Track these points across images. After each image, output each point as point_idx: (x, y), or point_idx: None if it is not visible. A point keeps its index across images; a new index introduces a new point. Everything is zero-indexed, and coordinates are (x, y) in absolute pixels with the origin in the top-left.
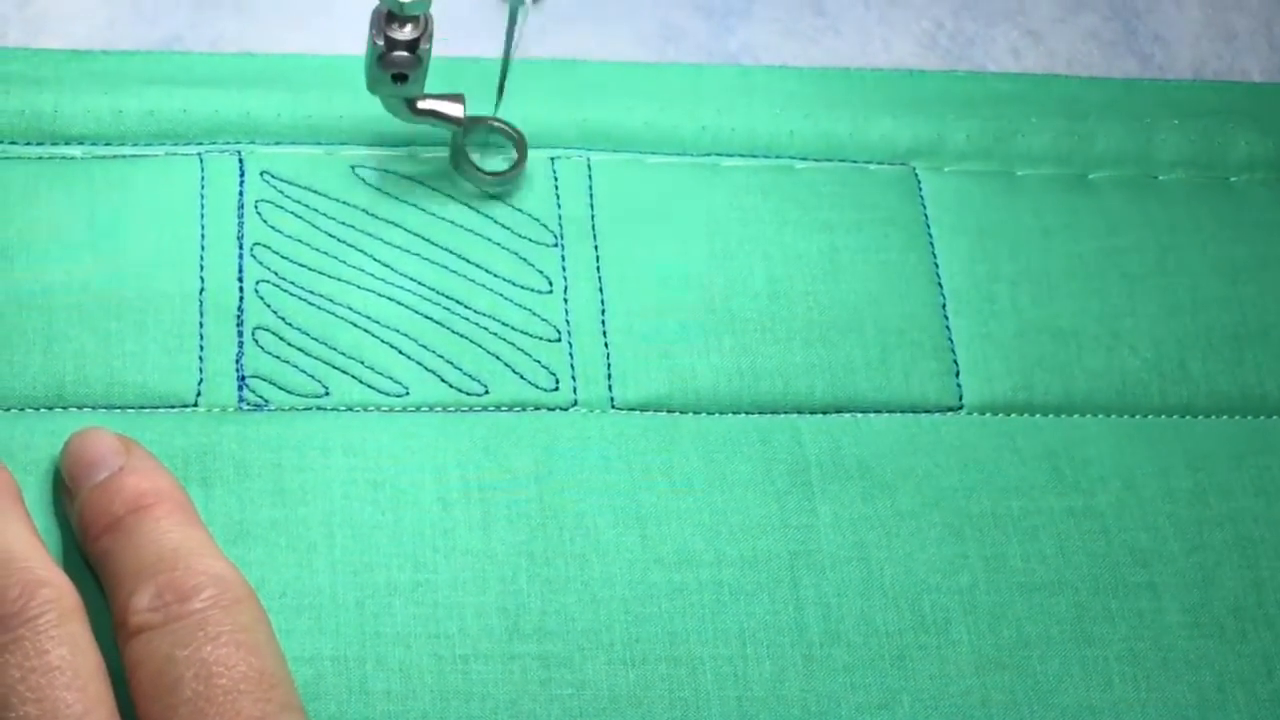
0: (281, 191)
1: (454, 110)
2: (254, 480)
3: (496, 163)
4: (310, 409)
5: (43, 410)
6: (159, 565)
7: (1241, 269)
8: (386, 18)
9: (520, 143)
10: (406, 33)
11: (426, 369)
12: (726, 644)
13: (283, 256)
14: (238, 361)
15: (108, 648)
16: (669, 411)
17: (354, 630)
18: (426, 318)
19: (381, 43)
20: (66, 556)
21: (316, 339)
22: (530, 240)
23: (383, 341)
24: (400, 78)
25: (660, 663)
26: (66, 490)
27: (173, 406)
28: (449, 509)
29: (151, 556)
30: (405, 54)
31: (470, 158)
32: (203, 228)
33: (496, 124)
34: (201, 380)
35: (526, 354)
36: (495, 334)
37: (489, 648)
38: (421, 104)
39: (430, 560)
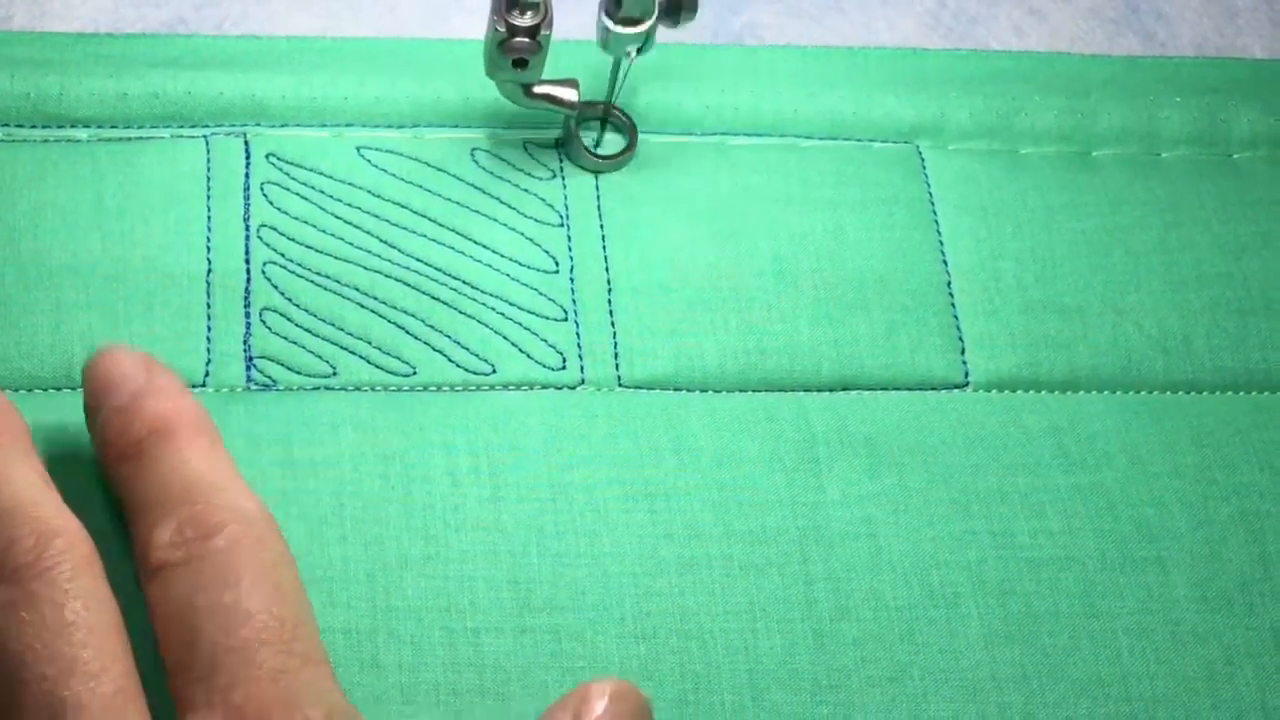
0: (287, 173)
1: (569, 95)
2: (264, 452)
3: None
4: (318, 389)
5: (51, 391)
6: (182, 497)
7: (1245, 246)
8: (508, 4)
9: (631, 129)
10: (527, 19)
11: (434, 349)
12: (736, 618)
13: (289, 238)
14: (245, 342)
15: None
16: (676, 390)
17: (365, 603)
18: (433, 298)
19: (503, 29)
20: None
21: (324, 320)
22: (536, 220)
23: (390, 322)
24: (520, 63)
25: (671, 636)
26: (89, 410)
27: None
28: (459, 484)
29: (175, 488)
30: (526, 40)
31: (583, 142)
32: (209, 210)
33: (610, 110)
34: (209, 361)
35: (533, 333)
36: (502, 314)
37: (500, 620)
38: (537, 89)
39: (441, 534)
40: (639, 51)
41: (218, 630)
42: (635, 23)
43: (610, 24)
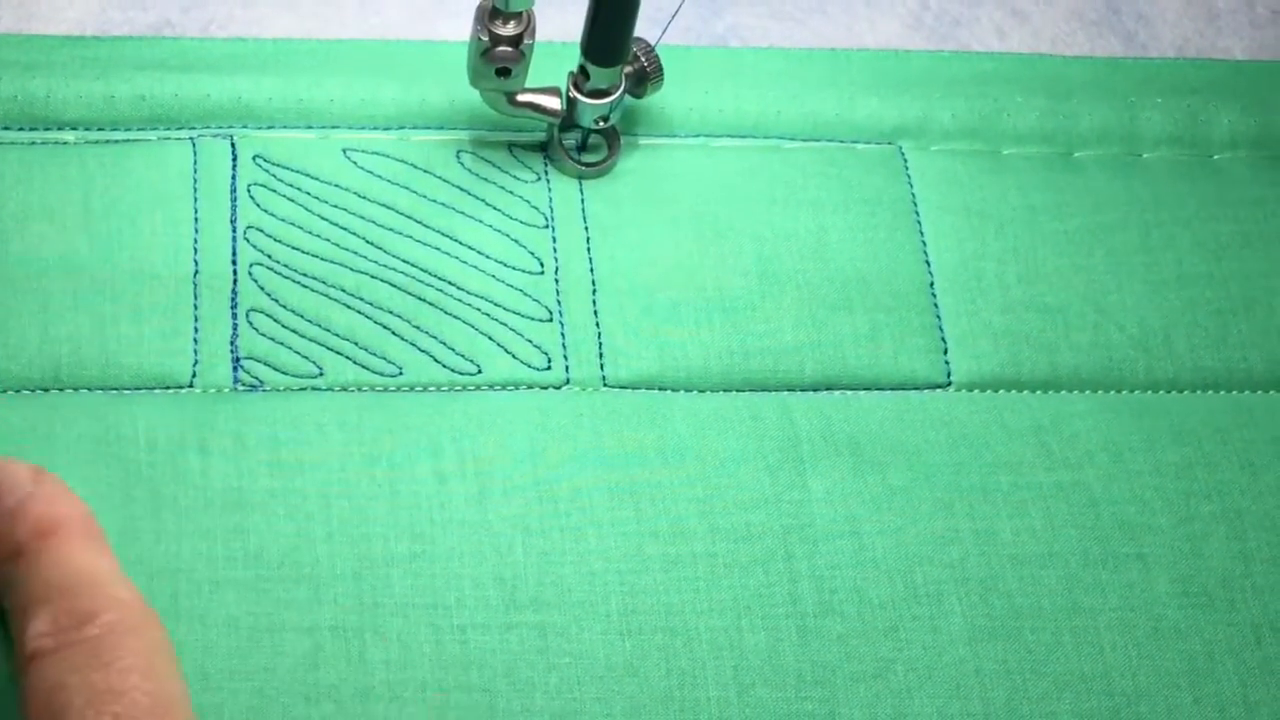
0: (274, 175)
1: (552, 103)
2: (251, 451)
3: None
4: (305, 389)
5: (39, 392)
6: (59, 591)
7: (1225, 246)
8: (490, 13)
9: (614, 135)
10: (510, 28)
11: (419, 349)
12: (721, 615)
13: (276, 239)
14: (232, 343)
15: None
16: (660, 389)
17: (352, 600)
18: (419, 299)
19: (486, 38)
20: None
21: (310, 320)
22: (521, 222)
23: (376, 322)
24: (503, 72)
25: (656, 633)
26: None
27: (168, 388)
28: (445, 482)
29: (54, 582)
30: (509, 49)
31: (566, 148)
32: (196, 211)
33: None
34: (197, 362)
35: (519, 334)
36: (487, 314)
37: (486, 618)
38: (521, 97)
39: (427, 532)
40: (606, 120)
41: (88, 706)
42: (603, 94)
43: (579, 96)
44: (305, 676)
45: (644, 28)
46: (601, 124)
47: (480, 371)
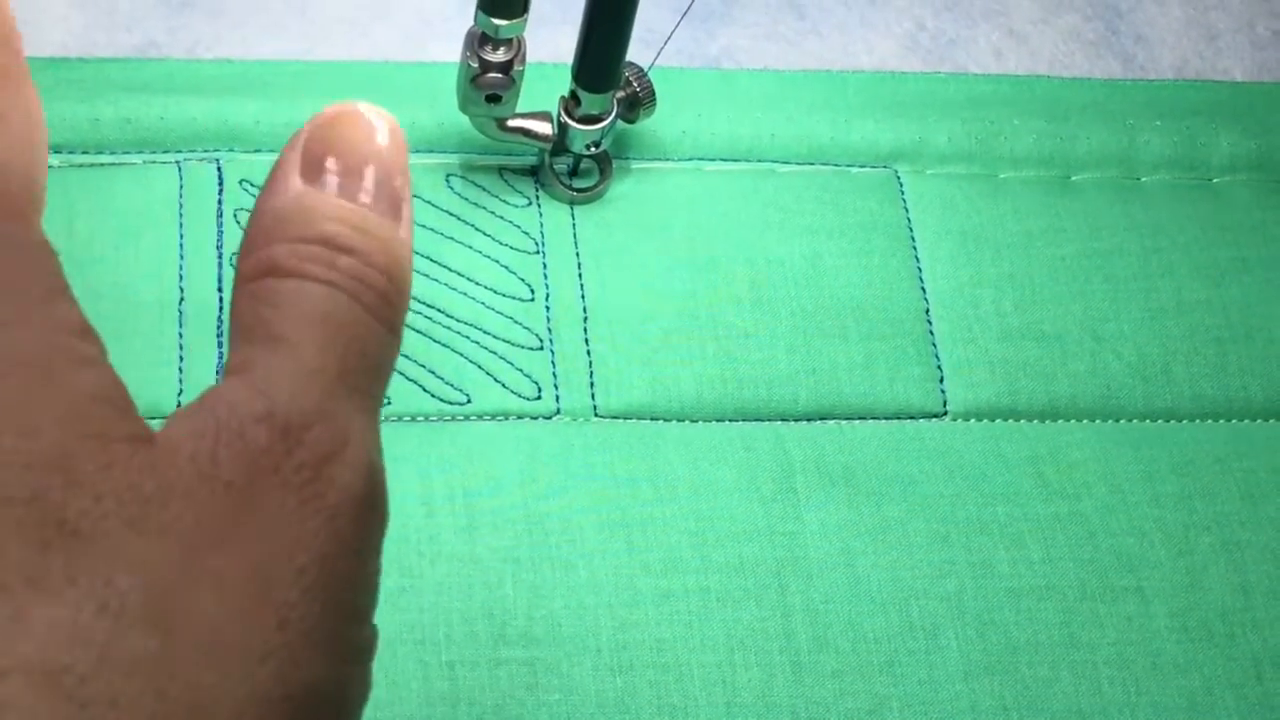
0: None
1: (543, 128)
2: None
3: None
4: None
5: None
6: None
7: (1225, 271)
8: (480, 39)
9: (605, 160)
10: (500, 54)
11: (408, 379)
12: (714, 650)
13: None
14: (218, 371)
15: None
16: (652, 419)
17: None
18: (408, 327)
19: (475, 64)
20: None
21: None
22: (512, 248)
23: None
24: (493, 98)
25: (648, 669)
26: None
27: (153, 417)
28: (434, 514)
29: None
30: (499, 75)
31: (557, 173)
32: (181, 237)
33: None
34: (181, 390)
35: (509, 363)
36: (477, 343)
37: (475, 653)
38: (511, 122)
39: (415, 565)
40: (598, 146)
41: None
42: (595, 120)
43: (570, 121)
44: None
45: (636, 49)
46: (593, 149)
47: (469, 401)
